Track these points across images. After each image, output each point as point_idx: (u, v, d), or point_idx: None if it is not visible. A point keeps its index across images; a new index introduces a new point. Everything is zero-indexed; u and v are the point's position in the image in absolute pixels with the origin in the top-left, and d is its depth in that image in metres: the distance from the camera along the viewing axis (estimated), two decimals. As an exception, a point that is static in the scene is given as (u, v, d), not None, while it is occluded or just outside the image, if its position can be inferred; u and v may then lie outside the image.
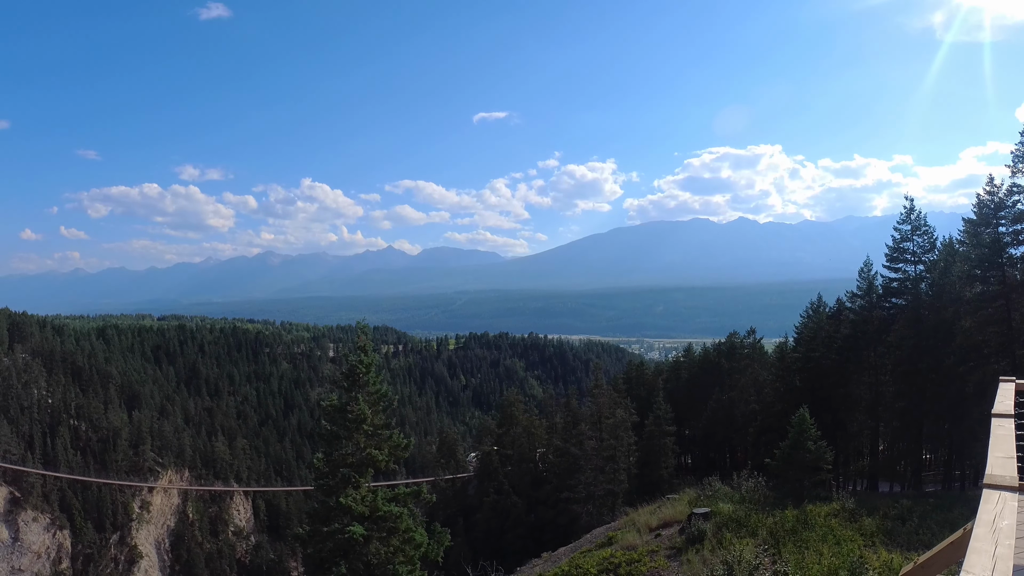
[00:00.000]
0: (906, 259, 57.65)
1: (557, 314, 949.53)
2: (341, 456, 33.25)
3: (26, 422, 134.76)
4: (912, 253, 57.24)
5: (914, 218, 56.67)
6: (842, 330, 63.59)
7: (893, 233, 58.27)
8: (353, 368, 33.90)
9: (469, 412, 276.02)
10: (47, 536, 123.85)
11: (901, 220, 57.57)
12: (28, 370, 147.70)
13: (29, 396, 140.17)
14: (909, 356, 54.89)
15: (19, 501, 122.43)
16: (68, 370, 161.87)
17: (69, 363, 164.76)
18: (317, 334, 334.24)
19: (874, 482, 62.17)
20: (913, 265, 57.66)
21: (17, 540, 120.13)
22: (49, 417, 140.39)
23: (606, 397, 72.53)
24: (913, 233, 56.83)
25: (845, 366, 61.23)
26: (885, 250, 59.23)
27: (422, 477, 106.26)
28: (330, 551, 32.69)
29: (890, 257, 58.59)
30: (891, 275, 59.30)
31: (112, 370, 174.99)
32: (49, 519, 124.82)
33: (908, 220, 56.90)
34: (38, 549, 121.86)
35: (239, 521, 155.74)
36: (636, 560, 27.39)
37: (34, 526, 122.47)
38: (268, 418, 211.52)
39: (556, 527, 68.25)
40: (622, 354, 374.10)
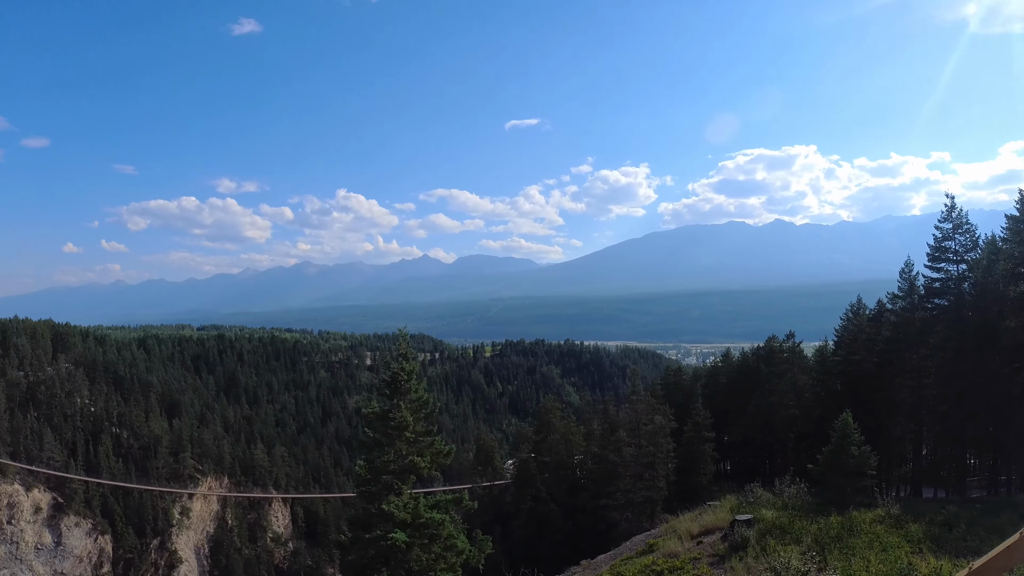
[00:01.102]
0: (948, 258, 56.42)
1: (593, 320, 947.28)
2: (383, 463, 33.27)
3: (69, 430, 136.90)
4: (954, 252, 56.00)
5: (955, 216, 55.40)
6: (883, 332, 62.47)
7: (934, 232, 57.07)
8: (395, 375, 33.93)
9: (506, 419, 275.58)
10: (89, 541, 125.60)
11: (942, 218, 56.36)
12: (71, 379, 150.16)
13: (72, 404, 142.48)
14: (952, 358, 53.79)
15: (62, 507, 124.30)
16: (110, 379, 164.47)
17: (111, 372, 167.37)
18: (354, 342, 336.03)
19: (917, 488, 60.96)
20: (955, 264, 56.43)
21: (60, 544, 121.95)
22: (91, 425, 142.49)
23: (644, 403, 72.04)
24: (954, 231, 55.59)
25: (886, 369, 60.14)
26: (926, 249, 58.12)
27: (459, 484, 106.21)
28: (372, 558, 32.71)
29: (931, 257, 57.34)
30: (932, 275, 57.95)
31: (153, 379, 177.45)
32: (91, 524, 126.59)
33: (949, 218, 55.66)
34: (80, 553, 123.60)
35: (277, 527, 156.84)
36: (678, 567, 27.03)
37: (76, 531, 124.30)
38: (306, 426, 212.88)
39: (594, 534, 67.75)
40: (659, 360, 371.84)
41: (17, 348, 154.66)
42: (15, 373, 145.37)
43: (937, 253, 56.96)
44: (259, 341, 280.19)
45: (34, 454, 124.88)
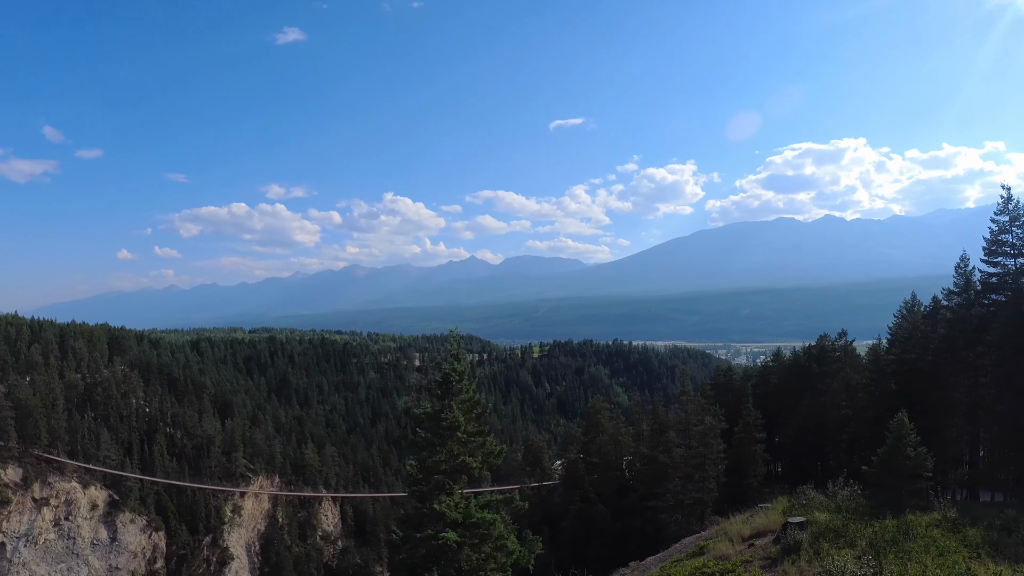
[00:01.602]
0: (1005, 252, 54.69)
1: (641, 320, 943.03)
2: (435, 463, 33.39)
3: (125, 430, 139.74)
4: (1011, 246, 54.30)
5: (1012, 208, 53.56)
6: (938, 330, 60.99)
7: (990, 225, 55.42)
8: (447, 376, 34.03)
9: (554, 420, 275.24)
10: (143, 537, 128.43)
11: (998, 211, 54.65)
12: (127, 381, 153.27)
13: (128, 405, 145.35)
14: (1011, 356, 52.28)
15: (118, 504, 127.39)
16: (164, 381, 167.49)
17: (165, 374, 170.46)
18: (403, 344, 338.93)
19: (974, 491, 59.46)
20: (1013, 258, 54.69)
21: (115, 540, 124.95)
22: (146, 425, 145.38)
23: (694, 403, 71.22)
24: (1011, 224, 53.82)
25: (942, 368, 58.71)
26: (981, 243, 56.51)
27: (507, 485, 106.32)
28: (422, 557, 32.86)
29: (988, 251, 55.64)
30: (989, 270, 56.17)
31: (206, 380, 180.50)
32: (145, 521, 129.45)
33: (1005, 210, 53.85)
34: (134, 549, 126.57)
35: (327, 526, 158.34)
36: (729, 570, 26.74)
37: (131, 527, 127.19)
38: (356, 426, 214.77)
39: (643, 536, 67.27)
40: (708, 359, 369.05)
41: (75, 351, 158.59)
42: (73, 375, 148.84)
43: (993, 247, 55.38)
44: (309, 343, 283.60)
45: (91, 453, 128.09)
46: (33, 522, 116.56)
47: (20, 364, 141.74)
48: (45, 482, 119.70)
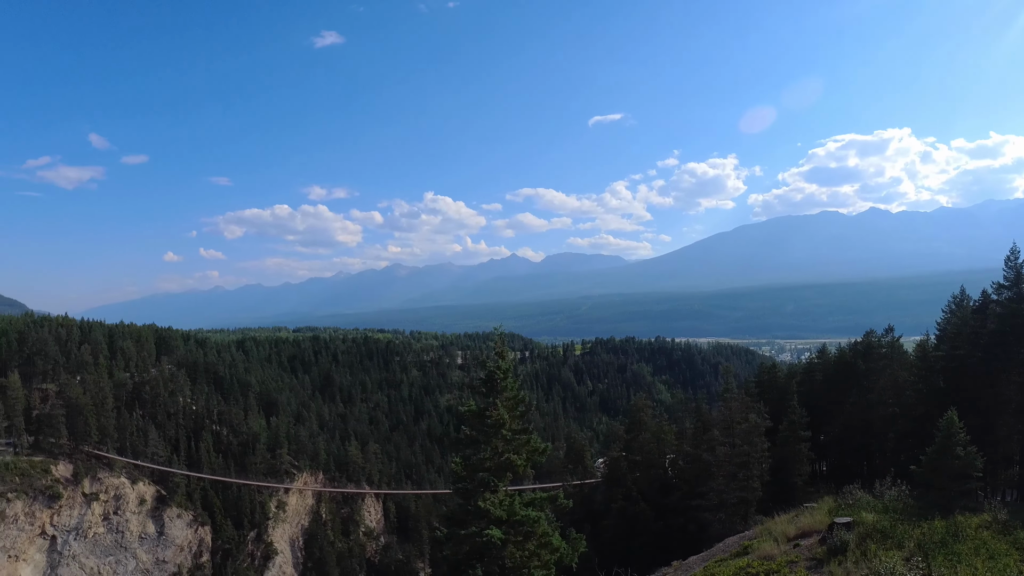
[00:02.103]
0: (1058, 243, 53.46)
1: (683, 316, 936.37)
2: (479, 460, 33.53)
3: (172, 427, 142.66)
4: (1065, 236, 53.04)
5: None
6: (988, 325, 59.59)
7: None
8: (491, 373, 34.13)
9: (596, 418, 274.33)
10: (190, 531, 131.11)
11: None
12: (174, 380, 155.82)
13: (175, 403, 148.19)
14: (1064, 352, 51.22)
15: (165, 499, 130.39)
16: (210, 379, 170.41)
17: (211, 373, 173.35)
18: (445, 342, 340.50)
19: (1026, 492, 58.45)
20: (1064, 249, 53.50)
21: (162, 534, 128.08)
22: (193, 422, 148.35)
23: (738, 401, 70.41)
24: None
25: (993, 364, 57.42)
26: (1033, 234, 54.99)
27: (549, 482, 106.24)
28: (467, 553, 33.01)
29: (1039, 241, 54.43)
30: (1041, 262, 55.11)
31: (251, 379, 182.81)
32: (192, 516, 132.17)
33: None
34: (181, 543, 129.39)
35: (370, 522, 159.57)
36: (774, 571, 26.51)
37: (178, 522, 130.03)
38: (399, 424, 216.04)
39: (685, 535, 66.83)
40: (752, 356, 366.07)
41: (123, 351, 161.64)
42: (122, 374, 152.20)
43: (1045, 237, 54.03)
44: (353, 341, 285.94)
45: (139, 450, 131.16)
46: (83, 516, 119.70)
47: (71, 364, 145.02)
48: (95, 478, 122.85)
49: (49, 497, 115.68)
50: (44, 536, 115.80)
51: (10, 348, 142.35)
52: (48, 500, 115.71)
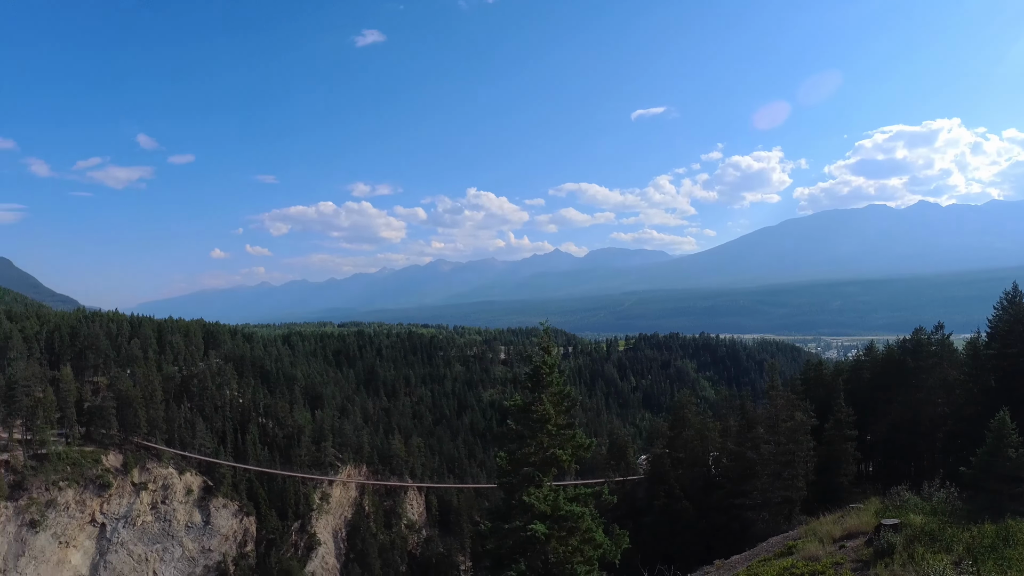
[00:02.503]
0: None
1: (728, 312, 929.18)
2: (524, 455, 33.58)
3: (219, 419, 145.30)
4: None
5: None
6: (1043, 323, 58.59)
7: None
8: (537, 368, 34.21)
9: (639, 414, 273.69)
10: (235, 521, 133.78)
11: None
12: (221, 373, 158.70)
13: (222, 396, 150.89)
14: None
15: (211, 489, 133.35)
16: (257, 373, 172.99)
17: (258, 367, 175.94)
18: (488, 337, 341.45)
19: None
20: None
21: (208, 524, 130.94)
22: (240, 415, 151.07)
23: (783, 399, 69.62)
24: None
25: (1047, 364, 56.35)
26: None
27: (591, 479, 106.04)
28: (510, 548, 33.09)
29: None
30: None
31: (297, 373, 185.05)
32: (237, 506, 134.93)
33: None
34: (226, 532, 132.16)
35: (412, 515, 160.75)
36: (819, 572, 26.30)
37: (224, 512, 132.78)
38: (442, 418, 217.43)
39: (728, 534, 66.26)
40: (797, 353, 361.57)
41: (172, 345, 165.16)
42: (170, 368, 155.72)
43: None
44: (397, 336, 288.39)
45: (187, 441, 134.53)
46: (132, 505, 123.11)
47: (121, 358, 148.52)
48: (144, 468, 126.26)
49: (99, 486, 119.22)
50: (94, 524, 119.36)
51: (63, 342, 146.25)
52: (98, 489, 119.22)
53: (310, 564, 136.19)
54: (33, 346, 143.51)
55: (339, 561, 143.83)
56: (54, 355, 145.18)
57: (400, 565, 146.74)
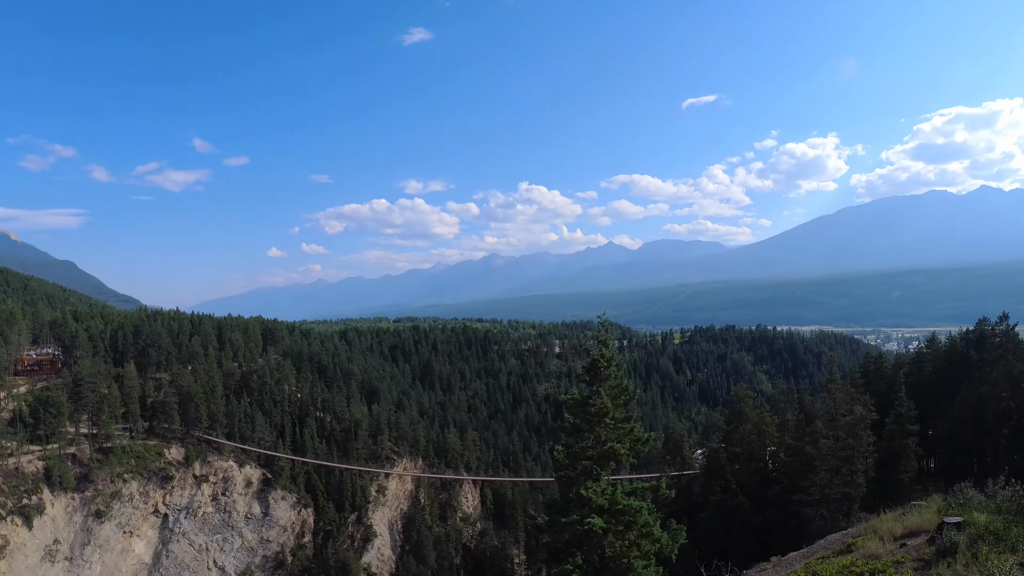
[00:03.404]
0: None
1: (785, 304, 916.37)
2: (582, 448, 33.55)
3: (278, 414, 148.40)
4: None
5: None
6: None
7: None
8: (595, 362, 34.11)
9: (695, 408, 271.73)
10: (293, 513, 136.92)
11: None
12: (280, 369, 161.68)
13: (281, 391, 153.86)
14: None
15: (271, 482, 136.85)
16: (314, 368, 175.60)
17: (315, 362, 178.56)
18: (543, 331, 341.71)
19: None
20: None
21: (267, 515, 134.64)
22: (298, 409, 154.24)
23: (842, 392, 68.62)
24: None
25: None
26: None
27: (646, 473, 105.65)
28: (567, 542, 33.19)
29: None
30: None
31: (353, 368, 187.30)
32: (295, 498, 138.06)
33: None
34: (284, 523, 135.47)
35: (467, 508, 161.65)
36: (880, 571, 25.65)
37: (282, 504, 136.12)
38: (497, 412, 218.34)
39: (785, 530, 65.49)
40: (857, 346, 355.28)
41: (232, 342, 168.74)
42: (230, 364, 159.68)
43: None
44: (451, 331, 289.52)
45: (247, 435, 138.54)
46: (193, 497, 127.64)
47: (182, 355, 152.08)
48: (205, 461, 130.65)
49: (162, 478, 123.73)
50: (157, 514, 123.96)
51: (126, 341, 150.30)
52: (161, 481, 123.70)
53: (366, 555, 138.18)
54: (98, 345, 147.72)
55: (395, 553, 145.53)
56: (118, 353, 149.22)
57: (455, 557, 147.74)
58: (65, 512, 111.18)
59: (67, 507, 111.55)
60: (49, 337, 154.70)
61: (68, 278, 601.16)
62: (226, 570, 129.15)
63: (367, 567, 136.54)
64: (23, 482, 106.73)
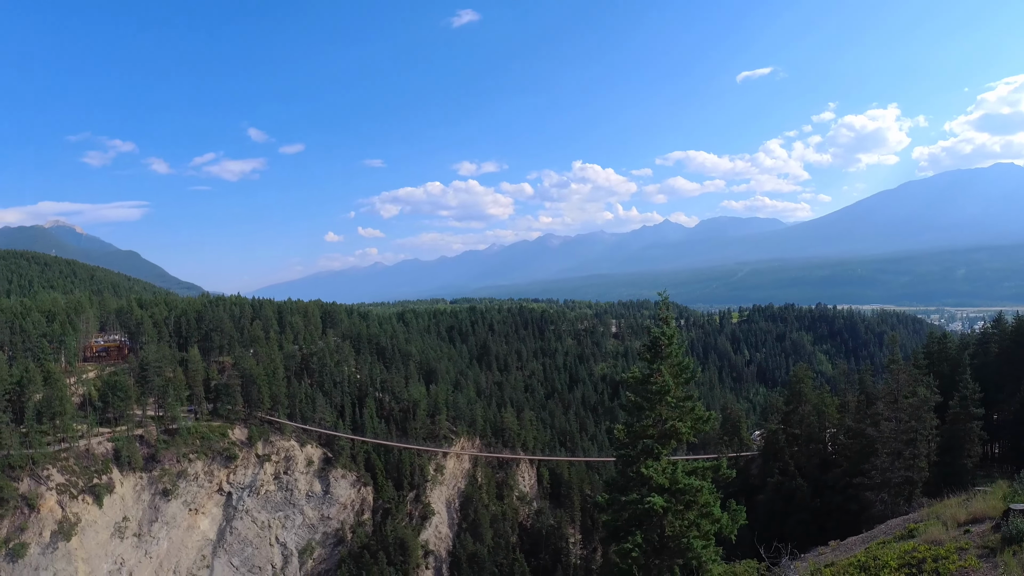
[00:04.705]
0: None
1: (845, 282, 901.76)
2: (643, 427, 33.78)
3: (338, 394, 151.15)
4: None
5: None
6: None
7: None
8: (656, 339, 34.27)
9: (753, 388, 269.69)
10: (353, 491, 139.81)
11: None
12: (339, 351, 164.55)
13: (340, 372, 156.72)
14: None
15: (331, 461, 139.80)
16: (373, 350, 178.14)
17: (374, 344, 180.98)
18: (599, 311, 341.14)
19: None
20: None
21: (328, 493, 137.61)
22: (357, 390, 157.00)
23: (905, 373, 67.23)
24: None
25: None
26: None
27: (703, 454, 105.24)
28: (626, 520, 33.50)
29: None
30: None
31: (411, 349, 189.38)
32: (355, 477, 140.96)
33: None
34: (344, 501, 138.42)
35: (523, 487, 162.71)
36: (943, 557, 25.51)
37: (342, 482, 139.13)
38: (553, 391, 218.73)
39: (844, 514, 64.79)
40: (919, 325, 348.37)
41: (292, 325, 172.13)
42: (291, 346, 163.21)
43: None
44: (508, 312, 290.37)
45: (307, 415, 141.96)
46: (256, 475, 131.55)
47: (244, 338, 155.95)
48: (267, 441, 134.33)
49: (226, 458, 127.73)
50: (221, 492, 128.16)
51: (190, 326, 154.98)
52: (225, 460, 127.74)
53: (424, 533, 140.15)
54: (162, 330, 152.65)
55: (452, 531, 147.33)
56: (182, 338, 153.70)
57: (511, 536, 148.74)
58: (133, 491, 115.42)
59: (135, 486, 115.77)
60: (115, 324, 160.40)
61: (132, 267, 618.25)
62: (287, 546, 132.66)
63: (425, 544, 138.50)
64: (93, 463, 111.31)
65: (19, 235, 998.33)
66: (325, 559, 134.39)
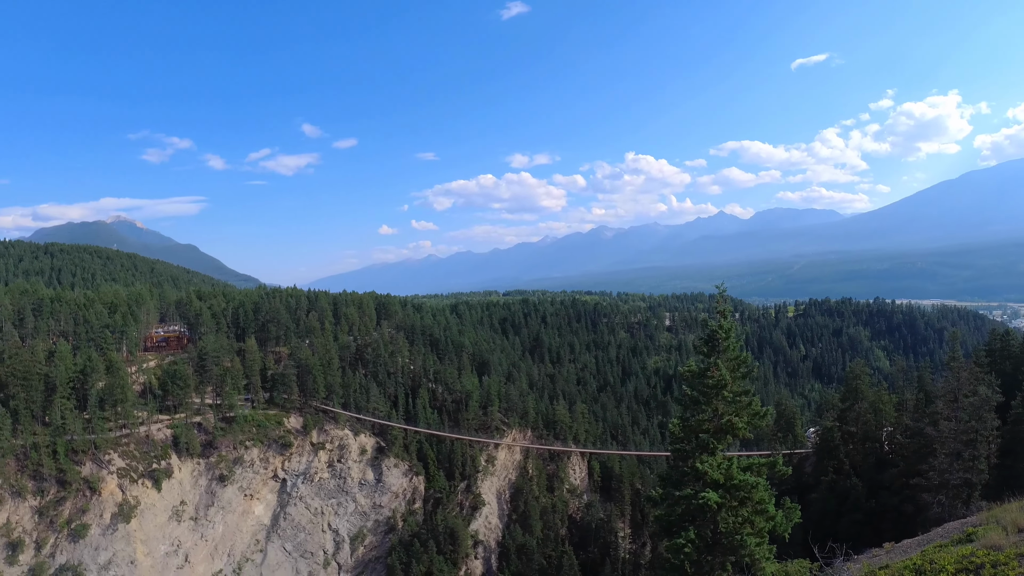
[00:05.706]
0: None
1: (904, 276, 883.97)
2: (698, 422, 33.74)
3: (392, 385, 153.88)
4: None
5: None
6: None
7: None
8: (713, 332, 34.19)
9: (808, 384, 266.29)
10: (404, 480, 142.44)
11: None
12: (393, 342, 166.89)
13: (394, 363, 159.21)
14: None
15: (384, 450, 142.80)
16: (427, 341, 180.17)
17: (427, 335, 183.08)
18: (652, 303, 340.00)
19: None
20: None
21: (380, 481, 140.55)
22: (411, 381, 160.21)
23: (965, 371, 65.91)
24: None
25: None
26: None
27: (756, 450, 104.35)
28: (680, 515, 33.54)
29: None
30: None
31: (464, 340, 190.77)
32: (407, 466, 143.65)
33: None
34: (396, 490, 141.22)
35: (574, 480, 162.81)
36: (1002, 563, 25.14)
37: (395, 471, 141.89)
38: (606, 384, 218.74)
39: (899, 516, 63.87)
40: (981, 321, 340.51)
41: (347, 317, 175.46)
42: (345, 337, 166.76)
43: None
44: (561, 304, 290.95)
45: (362, 405, 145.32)
46: (310, 463, 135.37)
47: (300, 329, 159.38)
48: (322, 429, 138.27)
49: (281, 445, 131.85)
50: (276, 479, 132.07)
51: (247, 317, 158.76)
52: (280, 448, 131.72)
53: (474, 523, 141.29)
54: (220, 321, 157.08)
55: (502, 521, 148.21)
56: (239, 329, 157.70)
57: (560, 528, 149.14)
58: (191, 476, 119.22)
59: (193, 471, 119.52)
60: (175, 315, 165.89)
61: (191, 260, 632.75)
62: (340, 532, 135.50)
63: (474, 534, 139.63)
64: (153, 448, 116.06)
65: (82, 230, 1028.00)
66: (376, 546, 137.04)
